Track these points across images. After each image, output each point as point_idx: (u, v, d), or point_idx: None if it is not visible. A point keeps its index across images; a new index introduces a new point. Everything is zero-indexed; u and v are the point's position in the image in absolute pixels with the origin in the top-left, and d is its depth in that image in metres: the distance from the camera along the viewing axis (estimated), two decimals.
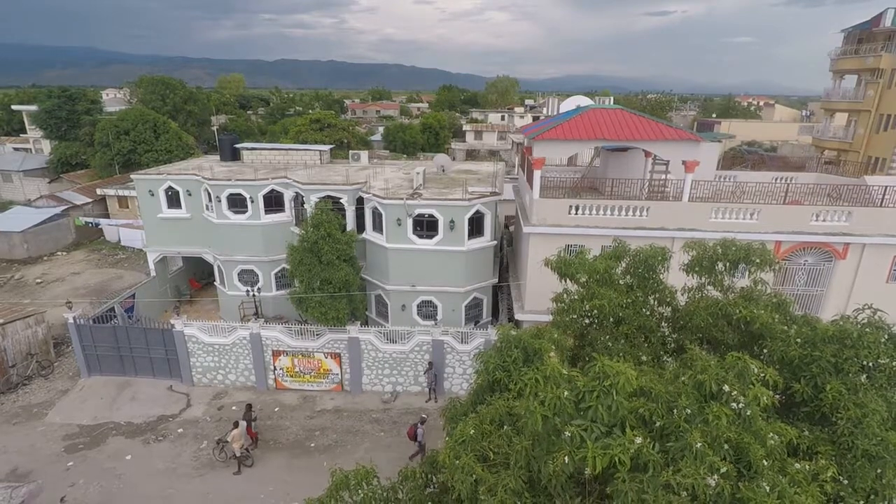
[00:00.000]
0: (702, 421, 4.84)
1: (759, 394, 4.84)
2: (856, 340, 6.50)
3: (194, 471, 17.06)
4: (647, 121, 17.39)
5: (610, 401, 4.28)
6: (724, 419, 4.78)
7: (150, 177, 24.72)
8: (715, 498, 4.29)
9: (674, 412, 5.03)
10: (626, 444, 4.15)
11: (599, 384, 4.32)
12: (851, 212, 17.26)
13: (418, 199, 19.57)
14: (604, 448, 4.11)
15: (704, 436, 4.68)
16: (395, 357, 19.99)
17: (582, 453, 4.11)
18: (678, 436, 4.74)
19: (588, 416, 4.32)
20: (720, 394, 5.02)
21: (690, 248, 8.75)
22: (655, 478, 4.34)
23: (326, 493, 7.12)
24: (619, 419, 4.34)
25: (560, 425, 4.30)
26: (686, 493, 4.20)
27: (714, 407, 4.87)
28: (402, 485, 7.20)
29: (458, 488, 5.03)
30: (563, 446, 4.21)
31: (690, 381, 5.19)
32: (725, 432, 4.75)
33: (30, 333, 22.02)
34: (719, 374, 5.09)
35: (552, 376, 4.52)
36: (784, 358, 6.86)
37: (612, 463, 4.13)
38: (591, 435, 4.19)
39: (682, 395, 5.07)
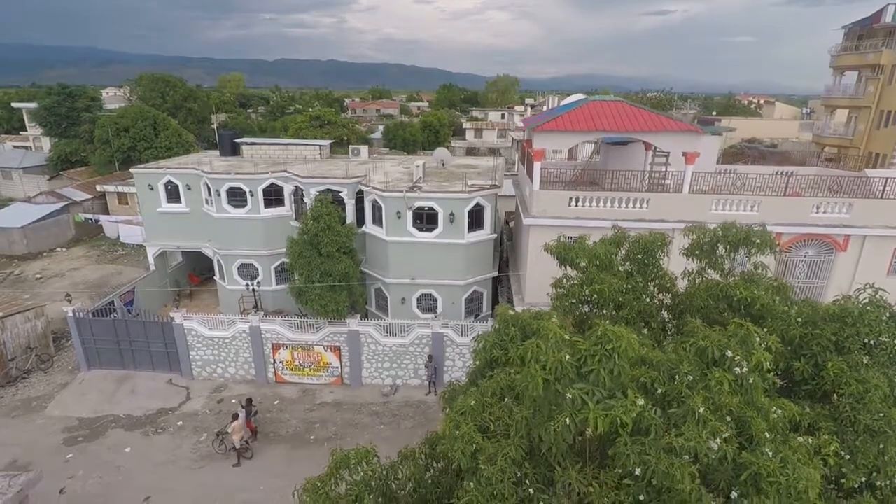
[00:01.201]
0: (703, 387, 4.82)
1: (763, 359, 4.81)
2: (857, 319, 6.47)
3: (194, 463, 17.04)
4: (648, 112, 17.36)
5: (612, 365, 4.24)
6: (727, 384, 4.75)
7: (150, 171, 24.70)
8: (717, 462, 4.27)
9: (675, 379, 5.01)
10: (628, 405, 4.12)
11: (601, 348, 4.29)
12: (852, 203, 17.21)
13: (418, 192, 19.54)
14: (606, 409, 4.08)
15: (706, 402, 4.66)
16: (395, 350, 19.97)
17: (583, 414, 4.08)
18: (680, 402, 4.72)
19: (590, 380, 4.29)
20: (723, 359, 4.99)
21: (690, 231, 8.73)
22: (657, 441, 4.31)
23: (326, 471, 7.10)
24: (621, 385, 4.31)
25: (561, 390, 4.27)
26: (688, 457, 4.17)
27: (716, 373, 4.85)
28: (402, 464, 7.18)
29: (457, 458, 5.00)
30: (564, 409, 4.18)
31: (692, 348, 5.16)
32: (727, 399, 4.73)
33: (29, 327, 21.99)
34: (721, 340, 5.06)
35: (553, 341, 4.49)
36: (785, 337, 6.82)
37: (613, 428, 4.10)
38: (592, 398, 4.16)
39: (683, 362, 5.05)
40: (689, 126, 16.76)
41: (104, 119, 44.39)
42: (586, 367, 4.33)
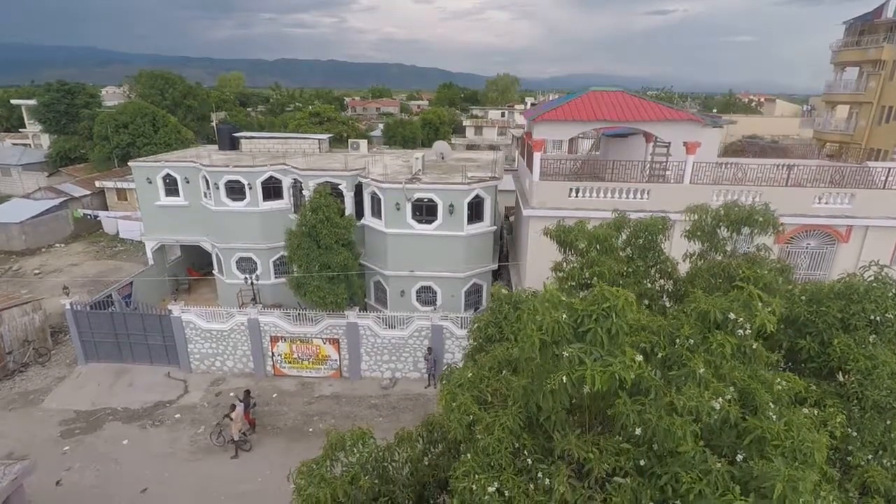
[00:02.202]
0: (705, 350, 4.70)
1: (766, 320, 4.69)
2: (862, 295, 6.34)
3: (191, 455, 16.92)
4: (649, 102, 17.26)
5: (609, 324, 4.12)
6: (729, 347, 4.63)
7: (148, 164, 24.61)
8: (720, 423, 4.15)
9: (676, 343, 4.89)
10: (626, 362, 4.00)
11: (598, 307, 4.18)
12: (854, 194, 17.11)
13: (417, 184, 19.42)
14: (604, 366, 3.96)
15: (708, 365, 4.54)
16: (394, 343, 19.85)
17: (581, 371, 3.96)
18: (681, 365, 4.61)
19: (587, 339, 4.17)
20: (725, 322, 4.88)
21: (692, 211, 8.61)
22: (658, 400, 4.20)
23: (322, 453, 6.99)
24: (619, 344, 4.20)
25: (558, 351, 4.15)
26: (691, 416, 4.06)
27: (718, 336, 4.73)
28: (399, 446, 7.06)
29: (453, 428, 4.89)
30: (561, 368, 4.07)
31: (694, 312, 5.05)
32: (730, 368, 4.61)
33: (27, 320, 21.88)
34: (723, 304, 4.95)
35: (550, 301, 4.38)
36: (789, 316, 6.70)
37: (612, 388, 3.98)
38: (590, 357, 4.04)
39: (684, 326, 4.93)
40: (690, 115, 16.66)
41: (103, 115, 44.29)
42: (583, 326, 4.21)
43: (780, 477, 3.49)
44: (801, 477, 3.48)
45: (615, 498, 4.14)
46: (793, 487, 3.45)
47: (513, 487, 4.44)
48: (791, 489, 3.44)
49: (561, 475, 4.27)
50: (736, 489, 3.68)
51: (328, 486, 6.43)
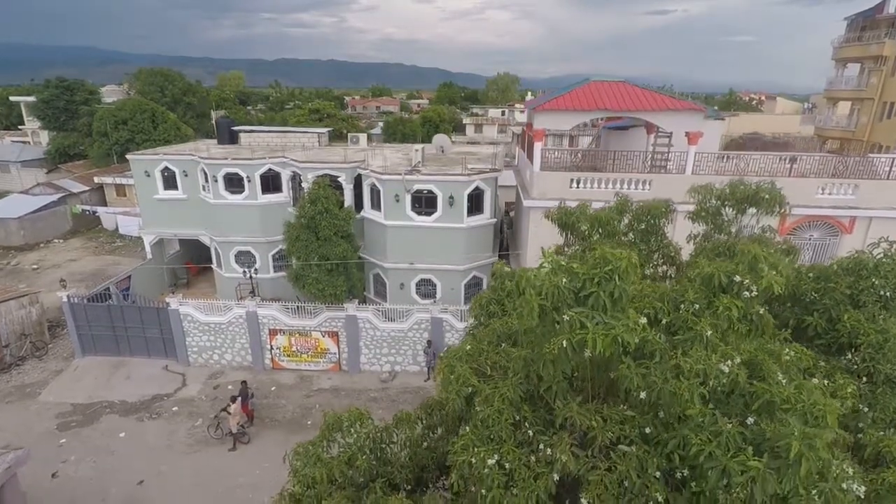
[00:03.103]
0: (711, 314, 4.55)
1: (774, 282, 4.54)
2: (872, 271, 6.20)
3: (189, 448, 16.78)
4: (650, 92, 17.11)
5: (612, 287, 3.97)
6: (735, 311, 4.48)
7: (147, 157, 24.48)
8: (729, 386, 4.00)
9: (680, 308, 4.74)
10: (630, 324, 3.85)
11: (600, 270, 4.03)
12: (858, 184, 16.97)
13: (417, 175, 19.27)
14: (606, 329, 3.81)
15: (715, 328, 4.39)
16: (394, 336, 19.69)
17: (582, 334, 3.81)
18: (686, 329, 4.46)
19: (588, 304, 4.03)
20: (730, 286, 4.72)
21: (696, 191, 8.46)
22: (663, 364, 4.05)
23: (319, 434, 6.85)
24: (623, 308, 4.04)
25: (558, 317, 4.00)
26: (697, 379, 3.90)
27: (724, 299, 4.58)
28: (398, 427, 6.91)
29: (451, 399, 4.74)
30: (562, 332, 3.92)
31: (698, 277, 4.90)
32: (737, 325, 4.46)
33: (24, 314, 21.74)
34: (728, 266, 4.80)
35: (549, 266, 4.22)
36: (795, 293, 6.56)
37: (615, 353, 3.83)
38: (591, 320, 3.89)
39: (688, 291, 4.78)
40: (692, 105, 16.51)
41: (102, 111, 44.14)
42: (585, 290, 4.06)
43: (795, 435, 3.34)
44: (817, 434, 3.32)
45: (620, 466, 3.99)
46: (809, 445, 3.29)
47: (513, 460, 4.29)
48: (807, 447, 3.29)
49: (563, 444, 4.12)
50: (748, 450, 3.53)
51: (324, 466, 6.29)
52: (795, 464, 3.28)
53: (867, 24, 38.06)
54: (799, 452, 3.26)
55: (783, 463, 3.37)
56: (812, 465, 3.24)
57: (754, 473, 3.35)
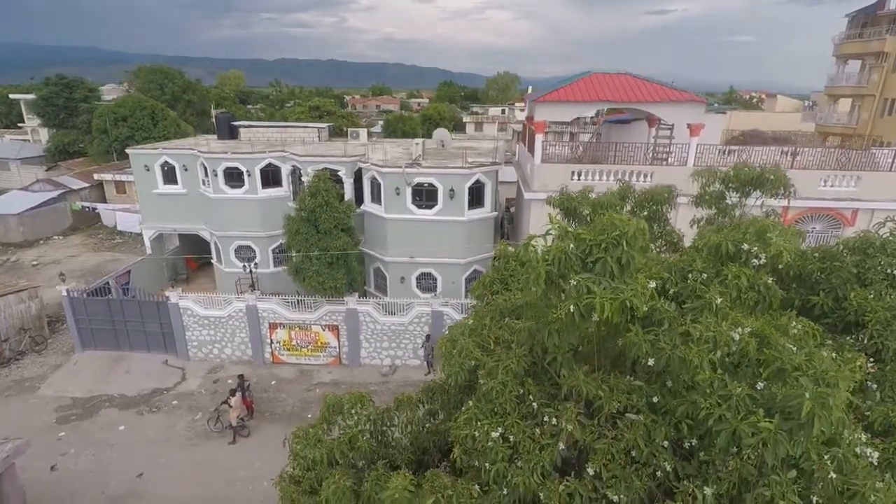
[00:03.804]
0: (719, 283, 4.47)
1: (783, 249, 4.46)
2: (879, 249, 6.13)
3: (188, 441, 16.71)
4: (651, 83, 17.03)
5: (619, 252, 3.89)
6: (744, 279, 4.40)
7: (146, 152, 24.41)
8: (739, 354, 3.91)
9: (688, 278, 4.66)
10: (638, 288, 3.77)
11: (608, 236, 3.95)
12: (860, 176, 16.90)
13: (417, 168, 19.20)
14: (615, 293, 3.73)
15: (724, 297, 4.31)
16: (394, 329, 19.62)
17: (589, 299, 3.72)
18: (695, 298, 4.38)
19: (595, 270, 3.94)
20: (738, 254, 4.64)
21: (699, 175, 8.38)
22: (672, 330, 3.96)
23: (319, 417, 6.78)
24: (631, 274, 3.96)
25: (564, 285, 3.92)
26: (707, 345, 3.82)
27: (732, 267, 4.50)
28: (399, 410, 6.84)
29: (453, 374, 4.66)
30: (569, 295, 3.84)
31: (705, 247, 4.82)
32: (746, 294, 4.38)
33: (23, 308, 21.66)
34: (736, 235, 4.71)
35: (556, 232, 4.15)
36: (801, 273, 6.47)
37: (622, 321, 3.75)
38: (599, 286, 3.81)
39: (696, 260, 4.70)
40: (694, 96, 16.44)
41: (102, 108, 44.08)
42: (592, 256, 3.98)
43: (807, 395, 3.25)
44: (830, 393, 3.24)
45: (627, 434, 3.91)
46: (822, 404, 3.21)
47: (518, 432, 4.21)
48: (820, 406, 3.20)
49: (569, 412, 4.04)
50: (759, 412, 3.45)
51: (325, 447, 6.23)
52: (808, 424, 3.20)
53: (868, 20, 38.02)
54: (811, 411, 3.18)
55: (795, 424, 3.29)
56: (825, 424, 3.16)
57: (765, 435, 3.28)
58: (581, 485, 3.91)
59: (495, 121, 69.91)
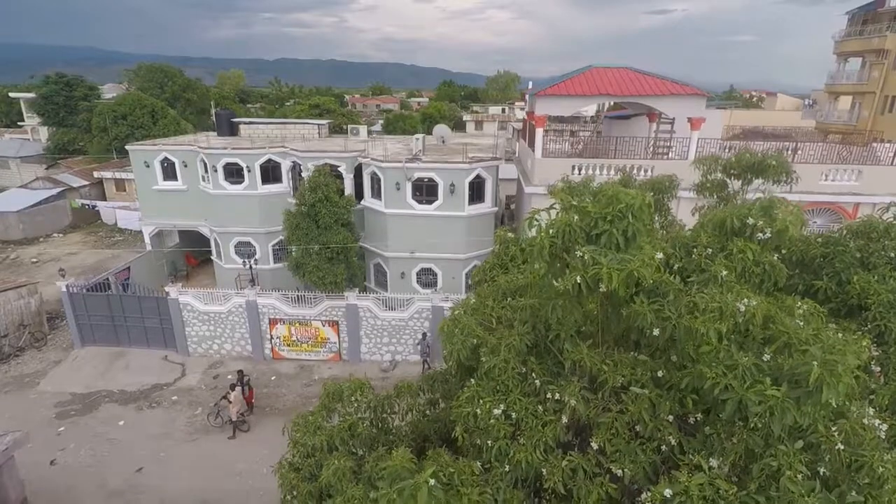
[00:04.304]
0: (725, 257, 4.43)
1: (789, 223, 4.42)
2: (882, 233, 6.09)
3: (188, 436, 16.68)
4: (652, 77, 17.00)
5: (625, 224, 3.85)
6: (750, 253, 4.36)
7: (146, 148, 24.39)
8: (746, 324, 3.87)
9: (693, 253, 4.61)
10: (645, 259, 3.73)
11: (613, 209, 3.91)
12: (861, 170, 16.87)
13: (417, 163, 19.16)
14: (622, 263, 3.69)
15: (730, 270, 4.27)
16: (395, 325, 19.58)
17: (595, 269, 3.68)
18: (700, 272, 4.33)
19: (601, 242, 3.90)
20: (743, 228, 4.60)
21: (700, 163, 8.34)
22: (678, 301, 3.92)
23: (318, 404, 6.74)
24: (637, 246, 3.92)
25: (569, 259, 3.87)
26: (713, 315, 3.77)
27: (738, 242, 4.46)
28: (399, 398, 6.80)
29: (455, 351, 4.62)
30: (575, 267, 3.79)
31: (710, 222, 4.78)
32: (751, 268, 4.34)
33: (22, 304, 21.63)
34: (741, 210, 4.68)
35: (561, 204, 4.11)
36: (804, 259, 6.44)
37: (627, 294, 3.71)
38: (605, 257, 3.77)
39: (701, 235, 4.66)
40: (695, 89, 16.39)
41: (102, 106, 44.06)
42: (597, 229, 3.94)
43: (816, 361, 3.20)
44: (839, 360, 3.20)
45: (631, 407, 3.87)
46: (830, 371, 3.16)
47: (520, 409, 4.17)
48: (829, 372, 3.16)
49: (573, 387, 4.00)
50: (766, 381, 3.41)
51: (324, 434, 6.18)
52: (816, 391, 3.16)
53: (868, 17, 37.98)
54: (820, 378, 3.13)
55: (803, 391, 3.24)
56: (834, 391, 3.12)
57: (773, 403, 3.23)
58: (585, 460, 3.87)
59: (495, 119, 69.84)
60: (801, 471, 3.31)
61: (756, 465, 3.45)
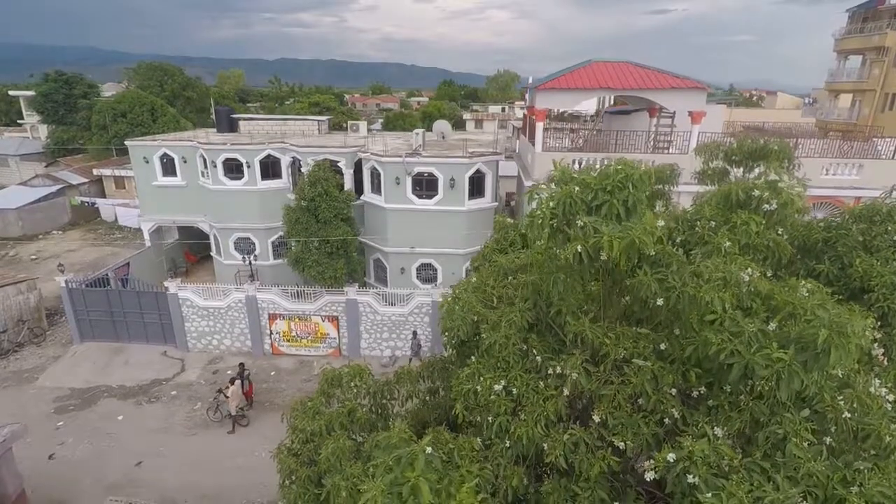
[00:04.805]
0: (729, 230, 4.39)
1: (795, 196, 4.38)
2: (885, 216, 6.05)
3: (187, 430, 16.63)
4: (653, 71, 16.95)
5: (626, 194, 3.81)
6: (754, 225, 4.31)
7: (145, 143, 24.34)
8: (750, 295, 3.82)
9: (696, 226, 4.57)
10: (647, 226, 3.69)
11: (613, 180, 3.86)
12: (862, 164, 16.83)
13: (417, 157, 19.12)
14: (624, 230, 3.64)
15: (734, 243, 4.23)
16: (395, 320, 19.53)
17: (596, 238, 3.63)
18: (703, 244, 4.29)
19: (602, 213, 3.86)
20: (748, 201, 4.56)
21: (702, 150, 8.29)
22: (681, 270, 3.87)
23: (317, 389, 6.70)
24: (639, 216, 3.87)
25: (570, 231, 3.83)
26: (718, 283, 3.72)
27: (742, 214, 4.41)
28: (400, 384, 6.76)
29: (456, 327, 4.57)
30: (576, 236, 3.75)
31: (715, 197, 4.73)
32: (756, 240, 4.30)
33: (21, 300, 21.58)
34: (747, 183, 4.63)
35: (561, 176, 4.07)
36: (806, 243, 6.39)
37: (629, 264, 3.66)
38: (607, 227, 3.72)
39: (704, 208, 4.62)
40: (696, 83, 16.35)
41: (101, 104, 43.99)
42: (597, 200, 3.89)
43: (823, 323, 3.16)
44: (847, 322, 3.15)
45: (634, 379, 3.82)
46: (839, 332, 3.12)
47: (521, 385, 4.13)
48: (837, 334, 3.11)
49: (574, 359, 3.96)
50: (773, 345, 3.36)
51: (323, 419, 6.14)
52: (824, 354, 3.11)
53: (869, 15, 37.94)
54: (828, 339, 3.08)
55: (811, 354, 3.19)
56: (843, 353, 3.07)
57: (780, 366, 3.18)
58: (586, 433, 3.83)
59: (495, 118, 69.81)
60: (807, 438, 3.27)
61: (761, 433, 3.40)
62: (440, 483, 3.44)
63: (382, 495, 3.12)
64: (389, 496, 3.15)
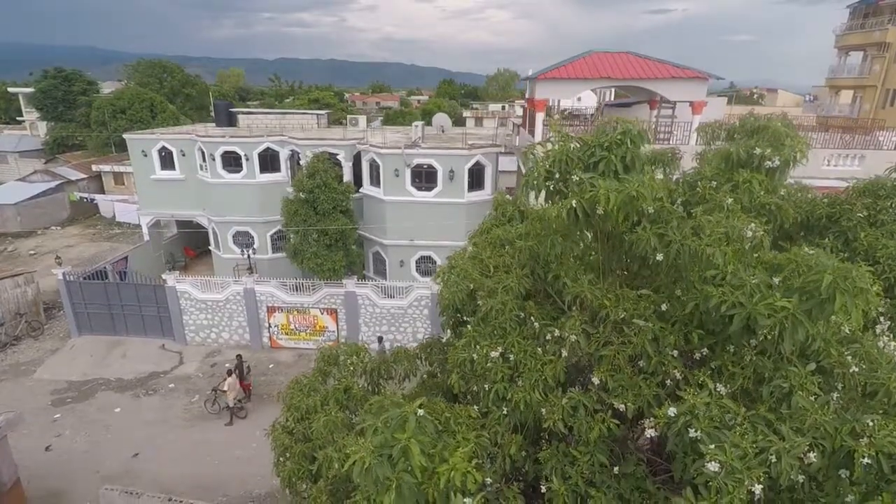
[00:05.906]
0: (731, 189, 4.29)
1: (798, 151, 4.28)
2: (890, 191, 5.96)
3: (185, 422, 16.54)
4: (653, 61, 16.85)
5: (624, 150, 3.71)
6: (756, 183, 4.22)
7: (144, 137, 24.26)
8: (754, 252, 3.72)
9: (697, 186, 4.48)
10: (645, 180, 3.59)
11: (610, 137, 3.76)
12: (864, 155, 16.73)
13: (417, 149, 19.02)
14: (620, 185, 3.54)
15: (736, 201, 4.13)
16: (393, 313, 19.42)
17: (593, 193, 3.54)
18: (704, 202, 4.19)
19: (599, 169, 3.76)
20: (750, 159, 4.46)
21: (703, 130, 8.18)
22: (682, 226, 3.77)
23: (315, 367, 6.61)
24: (637, 171, 3.79)
25: (567, 189, 3.73)
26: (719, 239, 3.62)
27: (743, 172, 4.32)
28: (397, 363, 6.66)
29: (451, 294, 4.48)
30: (572, 192, 3.65)
31: (715, 157, 4.63)
32: (760, 199, 4.21)
33: (19, 293, 21.48)
34: (749, 142, 4.53)
35: (557, 136, 3.97)
36: (809, 220, 6.30)
37: (628, 221, 3.56)
38: (604, 181, 3.63)
39: (706, 168, 4.52)
40: (697, 73, 16.25)
41: (100, 101, 43.94)
42: (594, 157, 3.80)
43: (827, 269, 3.06)
44: (852, 267, 3.05)
45: (634, 339, 3.72)
46: (844, 276, 3.02)
47: (518, 351, 4.03)
48: (842, 278, 3.01)
49: (574, 321, 3.86)
50: (776, 294, 3.25)
51: (319, 395, 6.05)
52: (829, 300, 3.01)
53: (870, 11, 37.84)
54: (832, 284, 2.98)
55: (815, 302, 3.09)
56: (848, 296, 2.97)
57: (784, 315, 3.08)
58: (586, 396, 3.73)
59: (495, 116, 69.74)
60: (813, 391, 3.17)
61: (766, 388, 3.31)
62: (434, 447, 3.34)
63: (371, 456, 3.02)
64: (379, 458, 3.05)
